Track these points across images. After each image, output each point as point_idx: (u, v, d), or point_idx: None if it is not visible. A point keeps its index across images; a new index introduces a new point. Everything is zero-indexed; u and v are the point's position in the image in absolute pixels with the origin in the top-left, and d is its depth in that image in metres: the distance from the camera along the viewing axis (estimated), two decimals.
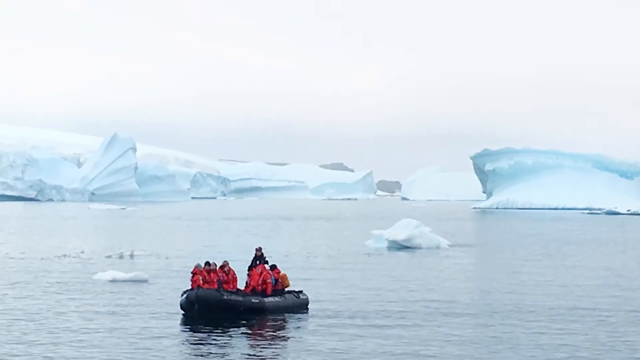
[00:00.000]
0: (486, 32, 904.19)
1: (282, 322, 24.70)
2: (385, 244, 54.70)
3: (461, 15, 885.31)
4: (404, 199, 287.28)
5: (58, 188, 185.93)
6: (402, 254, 49.85)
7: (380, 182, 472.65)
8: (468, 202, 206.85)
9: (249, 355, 20.32)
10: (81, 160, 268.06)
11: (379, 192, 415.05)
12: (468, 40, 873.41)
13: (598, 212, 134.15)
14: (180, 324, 24.24)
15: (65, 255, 45.64)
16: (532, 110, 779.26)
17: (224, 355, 20.26)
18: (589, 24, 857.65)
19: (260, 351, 20.70)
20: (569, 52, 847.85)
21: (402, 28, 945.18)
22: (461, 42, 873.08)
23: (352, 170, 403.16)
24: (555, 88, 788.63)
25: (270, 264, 27.16)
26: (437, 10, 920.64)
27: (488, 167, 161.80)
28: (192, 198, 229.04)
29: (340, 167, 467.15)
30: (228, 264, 26.71)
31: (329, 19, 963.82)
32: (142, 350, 20.46)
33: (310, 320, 25.05)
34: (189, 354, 20.39)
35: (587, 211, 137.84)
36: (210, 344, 21.42)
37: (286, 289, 26.87)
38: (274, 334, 23.09)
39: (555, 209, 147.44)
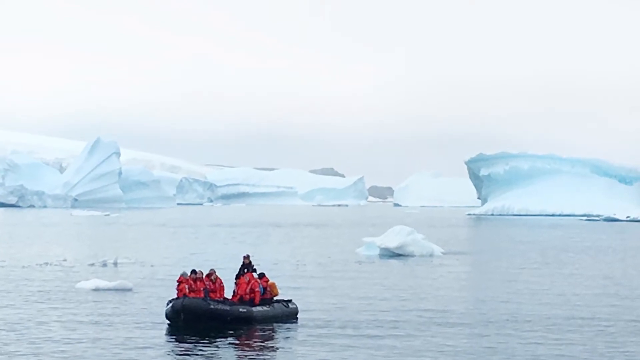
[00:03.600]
0: (481, 34, 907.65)
1: (270, 332, 24.46)
2: (377, 252, 54.40)
3: (455, 16, 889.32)
4: (396, 205, 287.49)
5: (40, 194, 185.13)
6: (394, 262, 49.60)
7: (371, 187, 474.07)
8: (462, 209, 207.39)
9: None
10: (63, 165, 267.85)
11: (371, 198, 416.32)
12: (462, 42, 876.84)
13: (596, 218, 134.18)
14: (166, 334, 23.96)
15: (47, 263, 45.26)
16: (529, 113, 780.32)
17: None
18: (587, 25, 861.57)
19: None
20: (566, 54, 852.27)
21: (394, 30, 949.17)
22: (455, 44, 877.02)
23: (342, 176, 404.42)
24: (553, 91, 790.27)
25: (258, 272, 27.17)
26: (430, 12, 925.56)
27: (483, 172, 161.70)
28: (178, 204, 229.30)
29: (330, 172, 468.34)
30: (215, 272, 26.60)
31: (319, 20, 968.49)
32: None
33: (299, 330, 24.81)
34: None
35: (585, 217, 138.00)
36: (197, 354, 21.15)
37: (275, 298, 26.72)
38: (262, 344, 22.83)
39: (553, 215, 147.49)
